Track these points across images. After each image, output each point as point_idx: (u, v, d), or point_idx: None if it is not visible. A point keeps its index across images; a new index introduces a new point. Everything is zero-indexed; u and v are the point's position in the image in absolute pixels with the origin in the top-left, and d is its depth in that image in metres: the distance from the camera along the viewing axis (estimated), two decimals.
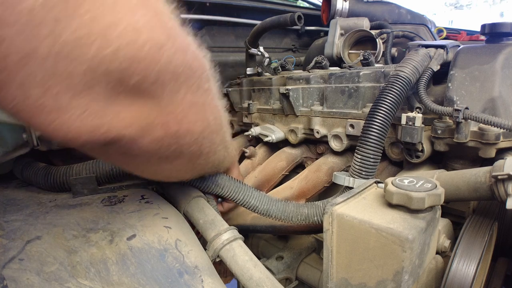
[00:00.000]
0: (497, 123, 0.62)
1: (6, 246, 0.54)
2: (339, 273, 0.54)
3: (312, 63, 1.13)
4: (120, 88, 0.33)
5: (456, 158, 0.78)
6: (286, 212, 0.75)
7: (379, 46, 1.23)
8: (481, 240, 0.57)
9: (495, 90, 0.72)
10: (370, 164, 0.71)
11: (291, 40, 1.96)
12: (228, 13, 1.58)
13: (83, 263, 0.53)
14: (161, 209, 0.69)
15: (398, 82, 0.73)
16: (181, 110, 0.42)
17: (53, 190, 0.77)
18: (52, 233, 0.59)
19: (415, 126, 0.72)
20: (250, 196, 0.76)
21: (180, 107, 0.41)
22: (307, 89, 1.03)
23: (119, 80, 0.32)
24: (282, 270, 1.02)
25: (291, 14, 1.06)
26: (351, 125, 0.90)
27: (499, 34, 0.79)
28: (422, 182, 0.52)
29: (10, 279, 0.48)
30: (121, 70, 0.32)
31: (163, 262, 0.57)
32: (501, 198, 0.55)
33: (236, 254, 0.65)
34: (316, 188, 0.97)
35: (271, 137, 1.08)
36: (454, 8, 6.38)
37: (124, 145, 0.38)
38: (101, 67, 0.30)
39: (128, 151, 0.41)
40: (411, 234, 0.45)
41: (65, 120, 0.32)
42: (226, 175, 0.78)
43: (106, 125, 0.34)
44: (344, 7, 1.48)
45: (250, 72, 1.34)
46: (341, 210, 0.52)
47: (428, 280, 0.55)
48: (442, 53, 0.83)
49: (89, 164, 0.75)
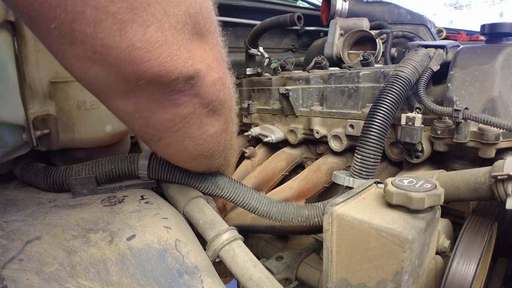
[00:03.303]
0: (497, 123, 0.63)
1: (6, 247, 0.54)
2: (339, 273, 0.54)
3: (312, 63, 1.13)
4: (195, 29, 0.44)
5: (456, 158, 0.78)
6: (286, 213, 0.75)
7: (378, 46, 1.23)
8: (481, 240, 0.57)
9: (495, 90, 0.72)
10: (370, 164, 0.71)
11: (290, 40, 1.96)
12: (228, 13, 1.58)
13: (82, 263, 0.53)
14: (161, 209, 0.69)
15: (397, 82, 0.73)
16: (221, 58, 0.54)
17: (52, 190, 0.77)
18: (51, 233, 0.58)
19: (414, 126, 0.72)
20: (250, 198, 0.76)
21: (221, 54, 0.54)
22: (307, 89, 1.03)
23: (195, 23, 0.43)
24: (282, 270, 1.02)
25: (291, 15, 1.06)
26: (350, 125, 0.90)
27: (498, 34, 0.79)
28: (422, 182, 0.52)
29: (10, 279, 0.48)
30: (196, 14, 0.43)
31: (162, 263, 0.57)
32: (501, 198, 0.55)
33: (236, 254, 0.65)
34: (316, 188, 0.97)
35: (271, 138, 1.08)
36: (453, 8, 6.38)
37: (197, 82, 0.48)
38: (189, 11, 0.42)
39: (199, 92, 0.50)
40: (411, 234, 0.45)
41: (169, 53, 0.41)
42: (226, 177, 0.78)
43: (191, 59, 0.44)
44: (343, 7, 1.48)
45: (249, 72, 1.34)
46: (341, 210, 0.52)
47: (428, 280, 0.55)
48: (441, 53, 0.83)
49: (89, 164, 0.75)
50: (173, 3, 0.39)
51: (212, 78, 0.51)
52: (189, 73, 0.45)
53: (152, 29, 0.38)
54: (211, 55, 0.50)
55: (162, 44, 0.40)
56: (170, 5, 0.39)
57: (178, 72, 0.43)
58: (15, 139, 0.77)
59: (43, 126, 0.80)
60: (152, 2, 0.37)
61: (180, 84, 0.46)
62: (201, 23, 0.45)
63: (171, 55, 0.41)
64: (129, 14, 0.36)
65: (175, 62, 0.42)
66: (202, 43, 0.47)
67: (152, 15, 0.38)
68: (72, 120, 0.83)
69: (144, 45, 0.39)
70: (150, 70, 0.41)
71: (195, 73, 0.46)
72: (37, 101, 0.78)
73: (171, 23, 0.40)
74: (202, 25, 0.45)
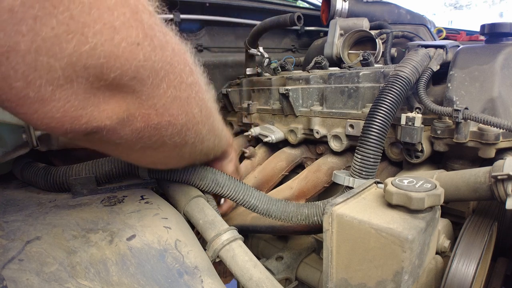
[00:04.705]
0: (497, 123, 0.63)
1: (6, 247, 0.54)
2: (338, 273, 0.54)
3: (312, 63, 1.13)
4: (99, 82, 0.35)
5: (456, 158, 0.78)
6: (286, 212, 0.75)
7: (378, 46, 1.23)
8: (481, 240, 0.57)
9: (495, 90, 0.72)
10: (370, 164, 0.71)
11: (290, 41, 1.96)
12: (228, 13, 1.58)
13: (82, 263, 0.53)
14: (161, 209, 0.69)
15: (397, 82, 0.73)
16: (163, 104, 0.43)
17: (52, 190, 0.77)
18: (51, 233, 0.58)
19: (414, 126, 0.73)
20: (250, 196, 0.76)
21: (161, 101, 0.43)
22: (307, 89, 1.03)
23: (97, 75, 0.34)
24: (282, 270, 1.02)
25: (291, 15, 1.06)
26: (350, 125, 0.90)
27: (498, 34, 0.79)
28: (422, 182, 0.52)
29: (9, 279, 0.48)
30: (99, 66, 0.34)
31: (162, 263, 0.57)
32: (501, 198, 0.55)
33: (236, 254, 0.65)
34: (316, 188, 0.97)
35: (270, 138, 1.08)
36: (453, 8, 6.39)
37: (105, 135, 0.40)
38: (80, 63, 0.32)
39: (110, 140, 0.42)
40: (410, 234, 0.45)
41: (48, 110, 0.34)
42: (226, 175, 0.78)
43: (86, 116, 0.36)
44: (343, 7, 1.48)
45: (249, 72, 1.34)
46: (341, 210, 0.52)
47: (428, 280, 0.55)
48: (441, 53, 0.83)
49: (89, 164, 0.75)
50: (46, 56, 0.30)
51: (132, 128, 0.42)
52: (84, 131, 0.38)
53: (19, 85, 0.31)
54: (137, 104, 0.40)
55: (34, 101, 0.33)
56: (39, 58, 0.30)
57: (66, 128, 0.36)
58: (15, 139, 0.77)
59: None
60: (11, 55, 0.29)
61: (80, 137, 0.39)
62: (114, 73, 0.35)
63: (50, 113, 0.34)
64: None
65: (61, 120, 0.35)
66: (119, 93, 0.38)
67: (14, 70, 0.30)
68: None
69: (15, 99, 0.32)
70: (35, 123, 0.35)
71: (96, 129, 0.39)
72: None
73: (45, 79, 0.32)
74: (119, 75, 0.36)
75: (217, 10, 1.54)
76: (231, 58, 1.59)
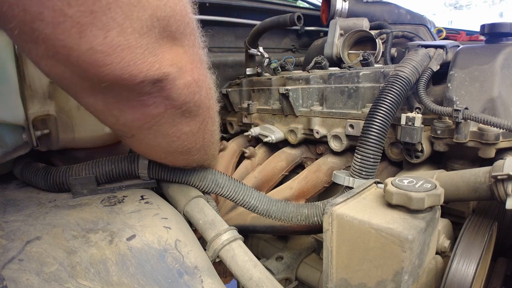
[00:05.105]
0: (497, 123, 0.63)
1: (6, 247, 0.54)
2: (338, 273, 0.54)
3: (312, 63, 1.13)
4: (164, 33, 0.43)
5: (456, 158, 0.78)
6: (286, 212, 0.75)
7: (378, 46, 1.23)
8: (481, 240, 0.57)
9: (495, 90, 0.72)
10: (370, 164, 0.71)
11: (290, 41, 1.95)
12: (228, 13, 1.58)
13: (82, 263, 0.53)
14: (161, 209, 0.69)
15: (397, 82, 0.73)
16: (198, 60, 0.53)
17: (52, 190, 0.77)
18: (51, 233, 0.58)
19: (414, 126, 0.72)
20: (250, 196, 0.76)
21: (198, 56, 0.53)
22: (307, 89, 1.03)
23: (164, 26, 0.43)
24: (282, 270, 1.02)
25: (291, 15, 1.06)
26: (350, 125, 0.90)
27: (498, 34, 0.79)
28: (422, 182, 0.52)
29: (10, 279, 0.48)
30: (167, 18, 0.42)
31: (162, 263, 0.57)
32: (501, 198, 0.55)
33: (236, 254, 0.65)
34: (316, 188, 0.97)
35: (270, 138, 1.08)
36: (453, 8, 6.39)
37: (166, 85, 0.48)
38: (157, 14, 0.41)
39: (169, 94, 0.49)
40: (410, 234, 0.45)
41: (132, 58, 0.41)
42: (226, 175, 0.78)
43: (158, 63, 0.44)
44: (343, 7, 1.48)
45: (249, 72, 1.34)
46: (340, 210, 0.52)
47: (428, 280, 0.55)
48: (441, 53, 0.83)
49: (89, 164, 0.75)
50: (137, 7, 0.38)
51: (184, 81, 0.50)
52: (155, 77, 0.45)
53: (113, 33, 0.38)
54: (185, 57, 0.49)
55: (124, 48, 0.39)
56: (133, 9, 0.38)
57: (142, 75, 0.43)
58: (15, 139, 0.77)
59: (43, 126, 0.80)
60: (112, 6, 0.36)
61: (147, 86, 0.46)
62: (173, 26, 0.44)
63: (134, 59, 0.41)
64: (87, 17, 0.36)
65: (140, 66, 0.42)
66: (174, 45, 0.46)
67: (113, 19, 0.37)
68: (72, 120, 0.83)
69: (105, 48, 0.38)
70: (113, 73, 0.41)
71: (163, 77, 0.46)
72: (37, 101, 0.78)
73: (134, 27, 0.39)
74: (175, 28, 0.45)
75: (217, 10, 1.54)
76: (231, 58, 1.59)
